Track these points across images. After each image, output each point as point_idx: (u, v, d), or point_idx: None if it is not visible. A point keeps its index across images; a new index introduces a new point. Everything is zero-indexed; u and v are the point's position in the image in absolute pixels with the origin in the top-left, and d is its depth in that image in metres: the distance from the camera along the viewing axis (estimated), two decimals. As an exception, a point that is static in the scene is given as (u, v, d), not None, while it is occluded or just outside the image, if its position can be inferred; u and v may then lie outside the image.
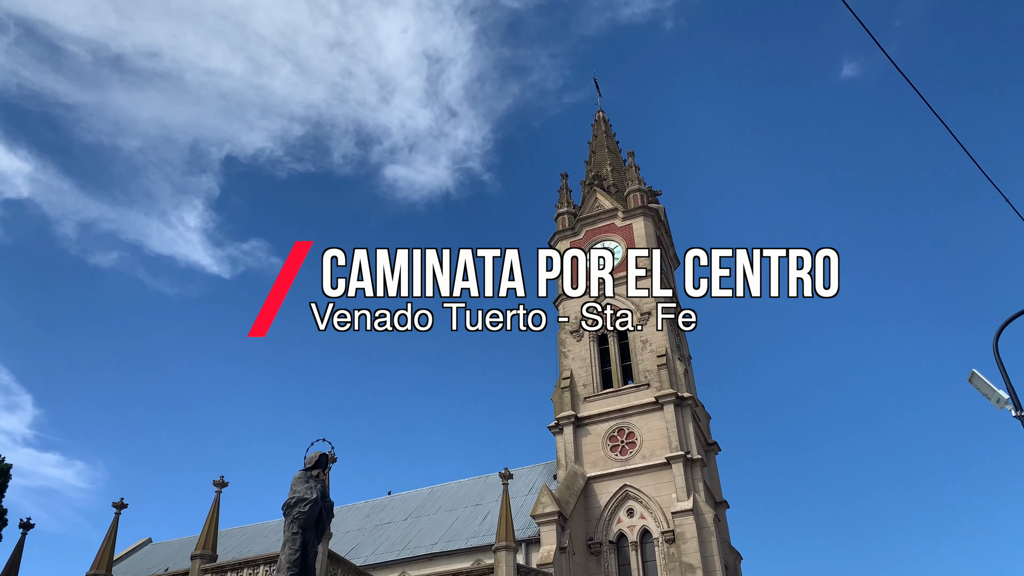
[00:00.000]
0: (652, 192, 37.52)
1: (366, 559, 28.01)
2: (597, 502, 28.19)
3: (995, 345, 11.49)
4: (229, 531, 35.50)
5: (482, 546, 25.96)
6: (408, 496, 34.81)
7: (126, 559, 36.18)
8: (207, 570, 21.42)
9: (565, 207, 37.80)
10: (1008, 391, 10.83)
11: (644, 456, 28.45)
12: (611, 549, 27.26)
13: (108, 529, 24.42)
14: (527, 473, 31.90)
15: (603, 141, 41.97)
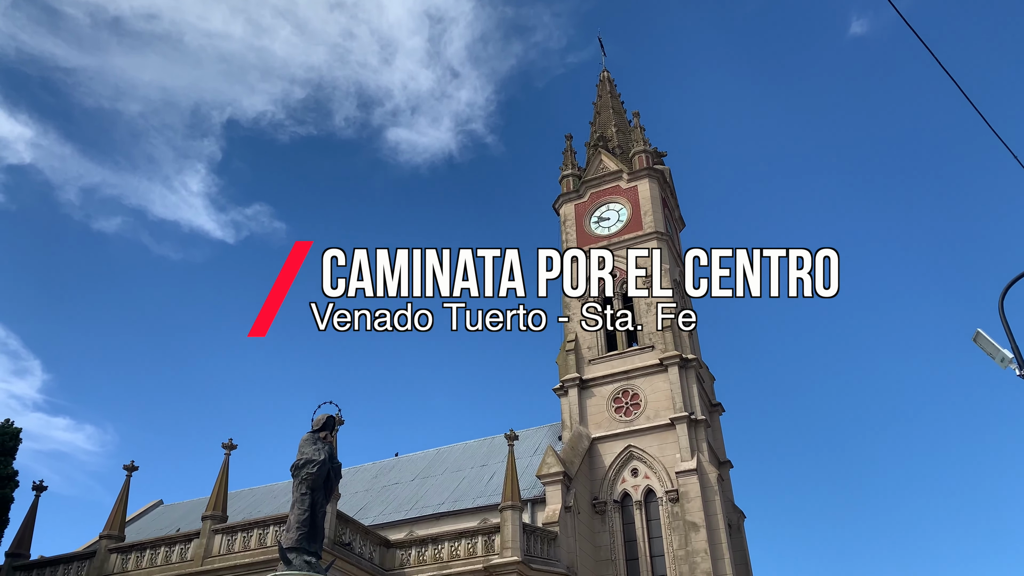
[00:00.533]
0: (657, 153, 37.22)
1: (374, 519, 28.44)
2: (602, 462, 28.48)
3: (1000, 304, 11.47)
4: (239, 492, 36.04)
5: (488, 506, 26.31)
6: (415, 458, 35.21)
7: (138, 520, 36.81)
8: (218, 530, 21.79)
9: (569, 169, 37.56)
10: (1012, 350, 10.84)
11: (648, 417, 28.67)
12: (616, 508, 27.62)
13: (120, 491, 24.84)
14: (532, 435, 32.22)
15: (608, 102, 41.54)
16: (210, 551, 21.46)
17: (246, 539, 21.26)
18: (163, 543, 22.67)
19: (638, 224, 33.98)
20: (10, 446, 23.67)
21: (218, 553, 21.36)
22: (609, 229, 34.67)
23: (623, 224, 34.47)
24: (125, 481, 24.78)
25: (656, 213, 33.99)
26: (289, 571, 13.93)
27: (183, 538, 22.55)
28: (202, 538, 21.75)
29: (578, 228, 35.38)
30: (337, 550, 20.17)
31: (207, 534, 21.75)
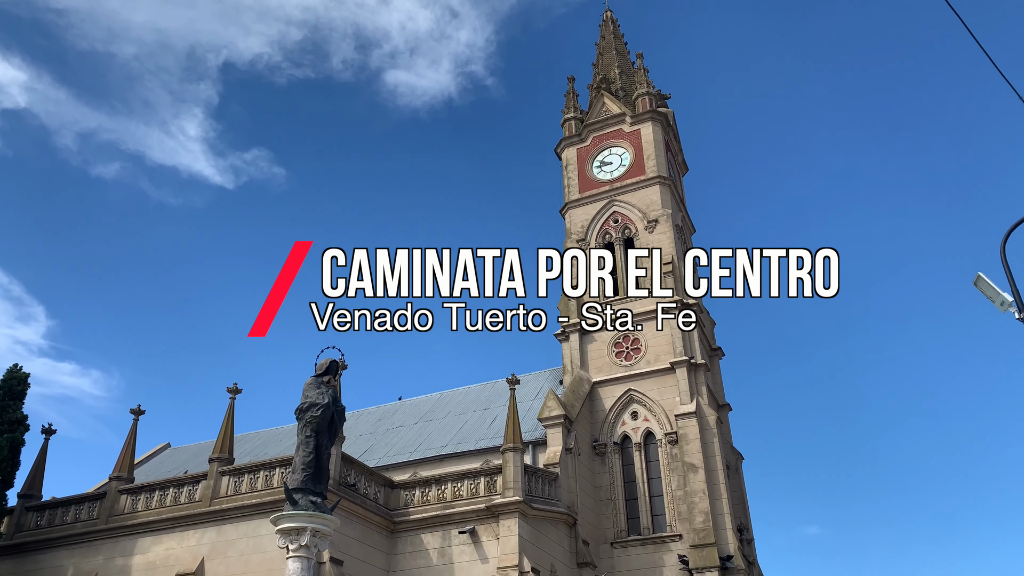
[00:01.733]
0: (661, 96, 36.68)
1: (378, 461, 28.93)
2: (602, 406, 28.83)
3: (1003, 248, 11.43)
4: (245, 436, 36.61)
5: (490, 448, 26.75)
6: (418, 401, 35.63)
7: (146, 463, 37.47)
8: (225, 472, 22.19)
9: (572, 112, 37.07)
10: (1012, 293, 10.84)
11: (649, 362, 28.90)
12: (615, 450, 28.07)
13: (127, 434, 25.21)
14: (533, 379, 32.54)
15: (611, 43, 40.75)
16: (218, 492, 21.90)
17: (253, 480, 21.66)
18: (172, 484, 23.11)
19: (640, 168, 33.69)
20: (19, 390, 23.91)
21: (225, 494, 21.80)
22: (611, 174, 34.40)
23: (625, 169, 34.19)
24: (133, 424, 25.14)
25: (659, 157, 33.67)
26: (295, 511, 14.24)
27: (191, 480, 22.98)
28: (209, 479, 22.16)
29: (580, 173, 35.10)
30: (342, 491, 20.57)
31: (214, 476, 22.15)
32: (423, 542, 22.41)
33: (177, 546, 21.66)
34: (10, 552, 24.05)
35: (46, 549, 23.66)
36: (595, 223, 33.32)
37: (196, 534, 21.57)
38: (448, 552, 22.03)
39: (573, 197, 34.53)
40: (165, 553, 21.72)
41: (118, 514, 23.19)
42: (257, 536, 20.45)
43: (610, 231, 32.93)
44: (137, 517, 22.73)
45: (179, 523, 21.91)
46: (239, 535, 20.94)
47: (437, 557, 22.07)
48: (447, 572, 21.78)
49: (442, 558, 22.02)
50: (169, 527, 22.04)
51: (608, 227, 33.08)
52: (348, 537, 20.61)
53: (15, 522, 24.55)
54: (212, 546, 21.15)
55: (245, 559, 20.51)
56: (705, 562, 24.30)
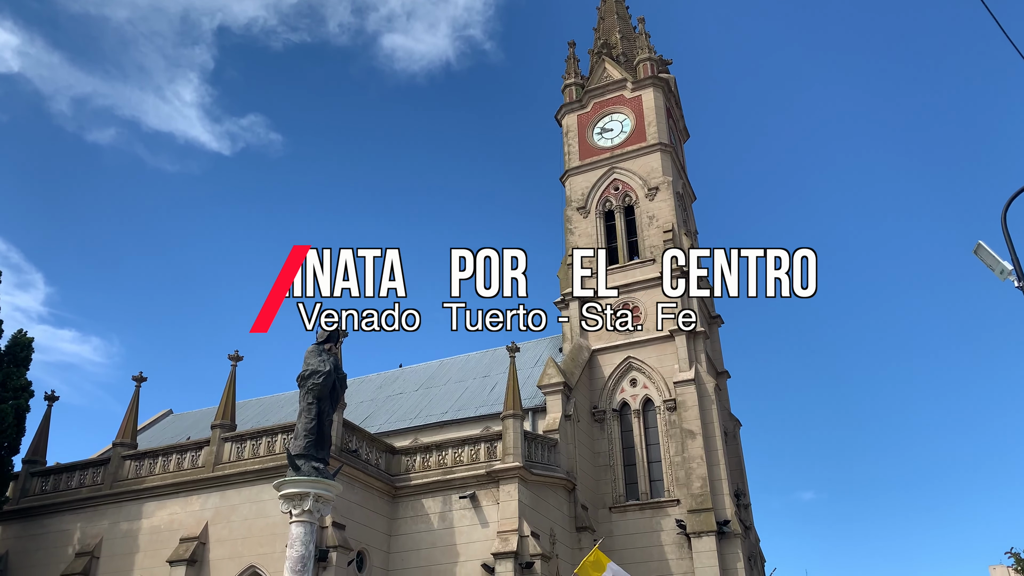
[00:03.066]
0: (662, 61, 36.30)
1: (379, 427, 29.16)
2: (601, 373, 28.99)
3: (1003, 217, 11.40)
4: (247, 402, 36.83)
5: (490, 414, 26.93)
6: (419, 368, 35.80)
7: (149, 429, 37.76)
8: (227, 438, 22.39)
9: (572, 78, 36.71)
10: (1012, 261, 10.83)
11: (648, 329, 28.99)
12: (614, 417, 28.30)
13: (130, 401, 25.40)
14: (533, 347, 32.66)
15: (612, 6, 40.21)
16: (220, 458, 22.12)
17: (255, 446, 21.87)
18: (175, 450, 23.34)
19: (641, 135, 33.47)
20: (23, 356, 24.00)
21: (228, 460, 22.02)
22: (612, 141, 34.18)
23: (626, 135, 33.96)
24: (135, 391, 25.32)
25: (660, 124, 33.43)
26: (298, 476, 14.38)
27: (194, 446, 23.19)
28: (212, 445, 22.38)
29: (580, 140, 34.87)
30: (344, 456, 20.78)
31: (217, 442, 22.35)
32: (424, 507, 22.70)
33: (181, 511, 21.94)
34: (16, 516, 24.38)
35: (51, 514, 23.98)
36: (595, 190, 33.19)
37: (200, 499, 21.85)
38: (449, 516, 22.33)
39: (573, 164, 34.35)
40: (169, 518, 22.01)
41: (122, 479, 23.45)
42: (260, 501, 20.71)
43: (610, 198, 32.82)
44: (141, 483, 22.99)
45: (183, 488, 22.18)
46: (242, 500, 21.21)
47: (438, 521, 22.37)
48: (448, 536, 22.09)
49: (443, 522, 22.32)
50: (173, 492, 22.31)
51: (608, 194, 32.96)
52: (350, 502, 20.87)
53: (20, 487, 24.85)
54: (216, 511, 21.43)
55: (248, 524, 20.79)
56: (702, 527, 24.62)
